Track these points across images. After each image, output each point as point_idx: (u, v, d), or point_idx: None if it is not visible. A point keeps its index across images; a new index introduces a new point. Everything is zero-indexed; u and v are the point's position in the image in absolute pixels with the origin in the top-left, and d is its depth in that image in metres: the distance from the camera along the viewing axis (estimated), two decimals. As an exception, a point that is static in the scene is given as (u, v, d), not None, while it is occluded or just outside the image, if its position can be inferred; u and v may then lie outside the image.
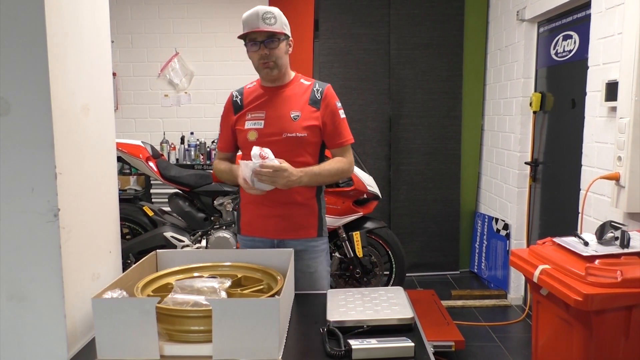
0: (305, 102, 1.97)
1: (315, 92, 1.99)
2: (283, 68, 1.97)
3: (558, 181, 3.52)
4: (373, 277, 3.57)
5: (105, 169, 1.74)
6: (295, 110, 1.96)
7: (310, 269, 2.02)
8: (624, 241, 1.89)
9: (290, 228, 2.00)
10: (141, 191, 4.13)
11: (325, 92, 1.99)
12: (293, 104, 1.97)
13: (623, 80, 2.39)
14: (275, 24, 1.88)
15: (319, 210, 2.05)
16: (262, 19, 1.86)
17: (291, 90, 2.00)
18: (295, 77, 2.05)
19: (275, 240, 2.02)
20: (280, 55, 1.93)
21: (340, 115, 2.01)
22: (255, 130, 1.95)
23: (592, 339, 1.80)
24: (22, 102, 1.35)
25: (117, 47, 4.87)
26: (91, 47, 1.63)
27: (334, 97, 2.01)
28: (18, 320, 1.40)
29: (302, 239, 2.01)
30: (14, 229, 1.38)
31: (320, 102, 1.97)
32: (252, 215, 2.05)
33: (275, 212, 1.99)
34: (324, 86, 2.02)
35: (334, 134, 2.00)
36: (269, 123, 1.95)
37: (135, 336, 1.28)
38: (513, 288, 4.02)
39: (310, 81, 2.04)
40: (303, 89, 2.01)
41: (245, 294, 1.53)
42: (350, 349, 1.31)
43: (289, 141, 1.92)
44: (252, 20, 1.88)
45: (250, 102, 2.02)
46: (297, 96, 1.99)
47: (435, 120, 4.62)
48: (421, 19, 4.53)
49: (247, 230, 2.08)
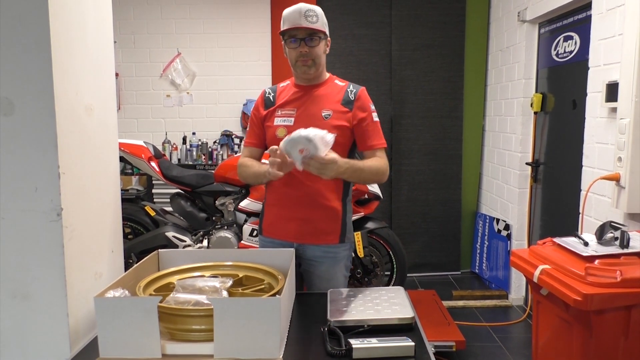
0: (338, 102, 1.95)
1: (348, 93, 1.97)
2: (320, 67, 1.95)
3: (559, 182, 3.52)
4: (374, 277, 3.57)
5: (108, 169, 1.75)
6: (327, 109, 1.93)
7: (328, 276, 1.98)
8: (623, 241, 1.90)
9: (311, 232, 1.95)
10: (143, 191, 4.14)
11: (359, 94, 1.97)
12: (325, 103, 1.95)
13: (623, 81, 2.39)
14: (317, 22, 1.87)
15: (344, 215, 2.00)
16: (305, 17, 1.85)
17: (325, 90, 1.98)
18: (330, 78, 2.03)
19: (295, 243, 1.97)
20: (319, 54, 1.92)
21: (374, 118, 1.98)
22: (285, 127, 1.91)
23: (591, 339, 1.80)
24: (25, 102, 1.36)
25: (119, 47, 4.88)
26: (94, 47, 1.64)
27: (368, 100, 1.99)
28: (21, 319, 1.41)
29: (322, 244, 1.97)
30: (18, 228, 1.39)
31: (354, 103, 1.95)
32: (274, 216, 2.01)
33: (297, 214, 1.95)
34: (358, 88, 1.99)
35: (365, 136, 1.96)
36: (299, 121, 1.90)
37: (137, 335, 1.29)
38: (514, 288, 4.02)
39: (345, 82, 2.02)
40: (337, 89, 1.98)
41: (246, 293, 1.54)
42: (351, 349, 1.32)
43: None
44: (293, 17, 1.86)
45: (283, 99, 1.99)
46: (330, 96, 1.96)
47: (437, 120, 4.63)
48: (422, 20, 4.53)
49: (268, 232, 2.04)
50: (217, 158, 4.91)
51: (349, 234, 2.02)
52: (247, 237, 3.43)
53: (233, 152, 4.89)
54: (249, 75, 4.93)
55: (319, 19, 1.88)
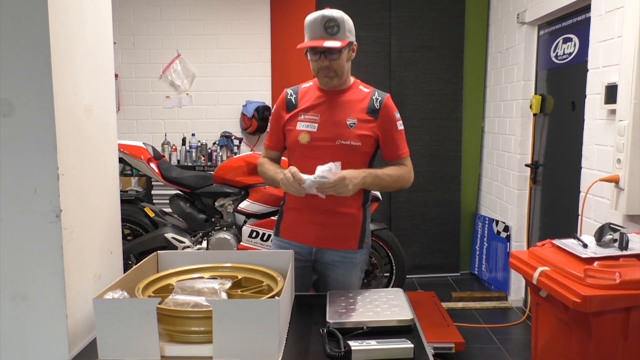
0: (363, 110, 1.89)
1: (374, 101, 1.91)
2: (344, 76, 1.90)
3: (558, 183, 3.53)
4: (373, 279, 3.57)
5: (107, 170, 1.75)
6: (352, 117, 1.88)
7: (344, 279, 1.97)
8: (622, 243, 1.89)
9: (330, 237, 1.94)
10: (142, 192, 4.14)
11: (385, 102, 1.91)
12: (350, 110, 1.89)
13: (622, 83, 2.40)
14: (338, 33, 1.80)
15: (364, 221, 1.98)
16: (325, 28, 1.78)
17: (349, 96, 1.92)
18: (355, 83, 1.97)
19: (314, 248, 1.95)
20: (342, 65, 1.85)
21: (398, 127, 1.94)
22: (308, 133, 1.87)
23: (590, 341, 1.80)
24: (25, 103, 1.36)
25: (119, 48, 4.89)
26: (94, 48, 1.64)
27: (393, 108, 1.93)
28: (20, 320, 1.41)
29: (341, 250, 1.95)
30: (17, 229, 1.39)
31: (379, 112, 1.89)
32: (294, 220, 1.99)
33: (317, 219, 1.92)
34: (384, 96, 1.93)
35: (391, 146, 1.93)
36: (323, 127, 1.87)
37: (136, 337, 1.29)
38: (513, 290, 4.02)
39: (370, 89, 1.96)
40: (362, 95, 1.93)
41: (245, 295, 1.54)
42: (350, 350, 1.32)
43: (342, 148, 1.85)
44: (314, 29, 1.79)
45: (306, 103, 1.93)
46: (355, 103, 1.91)
47: (436, 122, 4.63)
48: (422, 22, 4.54)
49: (286, 234, 2.01)
50: (217, 159, 4.91)
51: (367, 239, 2.01)
52: (247, 238, 3.43)
53: (232, 154, 4.90)
54: (249, 76, 4.93)
55: (340, 28, 1.81)
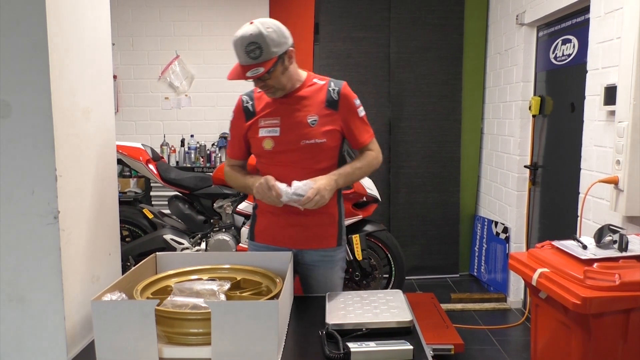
0: (322, 105, 1.85)
1: (331, 93, 1.86)
2: (288, 84, 1.82)
3: (557, 185, 3.53)
4: (372, 280, 3.57)
5: (106, 172, 1.74)
6: (312, 114, 1.83)
7: (326, 279, 1.96)
8: (622, 245, 1.89)
9: (309, 238, 1.92)
10: (141, 194, 4.13)
11: (342, 92, 1.87)
12: (309, 107, 1.84)
13: (622, 85, 2.40)
14: (261, 56, 1.68)
15: (340, 217, 1.96)
16: (246, 53, 1.68)
17: (305, 93, 1.86)
18: (308, 78, 1.89)
19: (293, 250, 1.90)
20: (279, 80, 1.77)
21: (359, 114, 1.90)
22: (271, 139, 1.83)
23: (590, 342, 1.80)
24: (23, 104, 1.36)
25: (117, 49, 4.88)
26: (92, 49, 1.64)
27: (352, 95, 1.89)
28: (18, 322, 1.40)
29: (321, 249, 1.94)
30: (14, 230, 1.39)
31: (338, 103, 1.85)
32: (269, 223, 1.95)
33: (294, 221, 1.89)
34: (340, 85, 1.89)
35: (355, 135, 1.90)
36: (286, 130, 1.82)
37: (134, 338, 1.28)
38: (512, 291, 4.02)
39: (325, 80, 1.90)
40: (318, 89, 1.87)
41: (244, 296, 1.54)
42: (349, 352, 1.31)
43: (308, 148, 1.82)
44: (238, 53, 1.71)
45: (263, 108, 1.88)
46: (312, 98, 1.85)
47: (435, 123, 4.63)
48: (421, 23, 4.54)
49: (262, 238, 1.97)
50: (215, 160, 4.90)
51: (344, 235, 2.01)
52: (245, 239, 3.42)
53: (231, 155, 4.88)
54: (248, 77, 4.92)
55: (262, 50, 1.67)
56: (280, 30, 1.73)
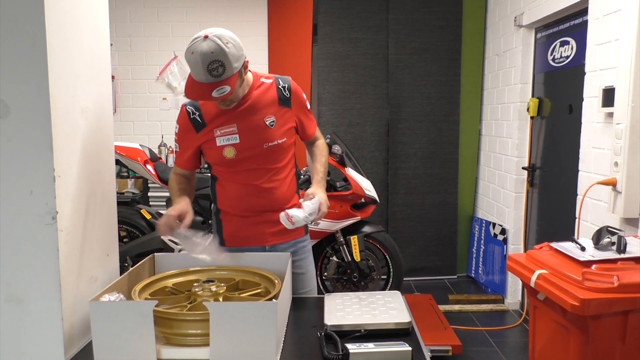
0: (275, 103, 1.84)
1: (282, 91, 1.85)
2: (243, 94, 1.79)
3: (555, 186, 3.53)
4: (370, 282, 3.57)
5: (104, 172, 1.74)
6: (269, 115, 1.82)
7: (302, 270, 1.97)
8: (620, 246, 1.90)
9: (280, 232, 1.90)
10: (139, 194, 4.13)
11: (292, 88, 1.87)
12: (264, 109, 1.82)
13: (620, 86, 2.40)
14: (224, 73, 1.61)
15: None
16: (209, 72, 1.59)
17: (256, 96, 1.83)
18: (255, 79, 1.85)
19: (267, 246, 1.92)
20: (237, 91, 1.71)
21: (308, 106, 1.95)
22: (232, 147, 1.80)
23: (588, 344, 1.80)
24: (21, 104, 1.35)
25: (116, 50, 4.87)
26: (90, 50, 1.63)
27: (300, 90, 1.91)
28: (15, 323, 1.40)
29: (292, 240, 1.95)
30: (12, 231, 1.38)
31: (290, 100, 1.86)
32: (238, 225, 1.92)
33: (262, 218, 1.89)
34: (288, 81, 1.88)
35: (306, 128, 1.96)
36: (245, 136, 1.80)
37: (132, 339, 1.28)
38: (510, 293, 4.02)
39: (271, 78, 1.88)
40: (267, 88, 1.85)
41: (242, 297, 1.53)
42: (348, 353, 1.31)
43: (271, 150, 1.83)
44: (197, 72, 1.62)
45: (214, 117, 1.81)
46: (265, 98, 1.83)
47: (433, 124, 4.63)
48: (419, 24, 4.54)
49: (234, 242, 1.93)
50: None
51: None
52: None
53: (229, 156, 4.88)
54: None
55: (225, 67, 1.60)
56: (237, 43, 1.66)
